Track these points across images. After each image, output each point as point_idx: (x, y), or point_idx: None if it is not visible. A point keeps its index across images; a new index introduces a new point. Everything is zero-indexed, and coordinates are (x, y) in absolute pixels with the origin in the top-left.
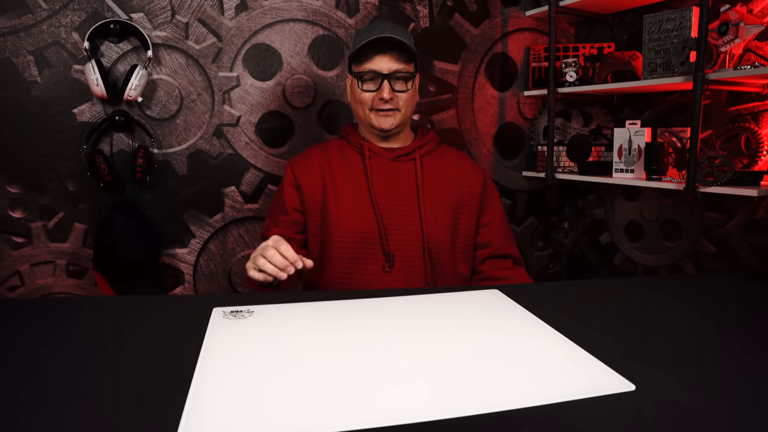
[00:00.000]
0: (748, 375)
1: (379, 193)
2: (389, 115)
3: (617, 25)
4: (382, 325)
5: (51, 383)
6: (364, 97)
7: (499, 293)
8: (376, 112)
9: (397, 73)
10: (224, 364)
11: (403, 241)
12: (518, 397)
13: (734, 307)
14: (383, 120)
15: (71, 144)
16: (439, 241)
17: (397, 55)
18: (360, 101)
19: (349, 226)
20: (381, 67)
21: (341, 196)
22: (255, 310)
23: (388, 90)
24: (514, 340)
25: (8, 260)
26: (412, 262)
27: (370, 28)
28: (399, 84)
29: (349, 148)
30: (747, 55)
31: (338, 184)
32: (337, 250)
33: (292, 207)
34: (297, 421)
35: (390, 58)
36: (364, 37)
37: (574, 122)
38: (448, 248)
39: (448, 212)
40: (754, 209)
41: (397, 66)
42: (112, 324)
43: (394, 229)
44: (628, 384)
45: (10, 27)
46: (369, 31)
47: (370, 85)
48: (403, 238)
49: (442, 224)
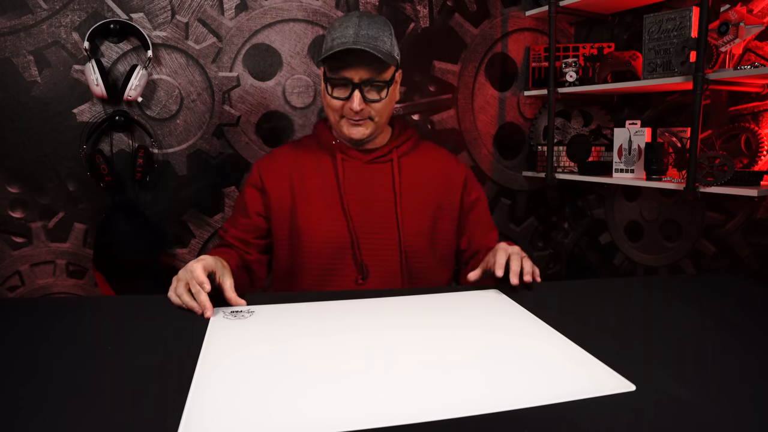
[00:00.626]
0: (748, 374)
1: (353, 200)
2: (361, 125)
3: (617, 25)
4: (382, 326)
5: (51, 383)
6: (334, 103)
7: (500, 293)
8: (347, 120)
9: (370, 82)
10: (224, 364)
11: (378, 250)
12: (520, 397)
13: (734, 306)
14: (354, 130)
15: (71, 144)
16: (417, 248)
17: (372, 64)
18: (330, 106)
19: (319, 235)
20: (352, 76)
21: (311, 203)
22: (255, 310)
23: (358, 101)
24: (514, 340)
25: (8, 260)
26: (388, 271)
27: (345, 27)
28: (372, 93)
29: (321, 149)
30: (747, 55)
31: (308, 189)
32: (308, 260)
33: (255, 212)
34: (297, 421)
35: (363, 67)
36: (338, 38)
37: (574, 122)
38: (427, 255)
39: (426, 218)
40: (754, 209)
41: (370, 75)
42: (112, 324)
43: (369, 237)
44: (629, 384)
45: (10, 27)
46: (344, 29)
47: (341, 91)
48: (378, 247)
49: (421, 231)
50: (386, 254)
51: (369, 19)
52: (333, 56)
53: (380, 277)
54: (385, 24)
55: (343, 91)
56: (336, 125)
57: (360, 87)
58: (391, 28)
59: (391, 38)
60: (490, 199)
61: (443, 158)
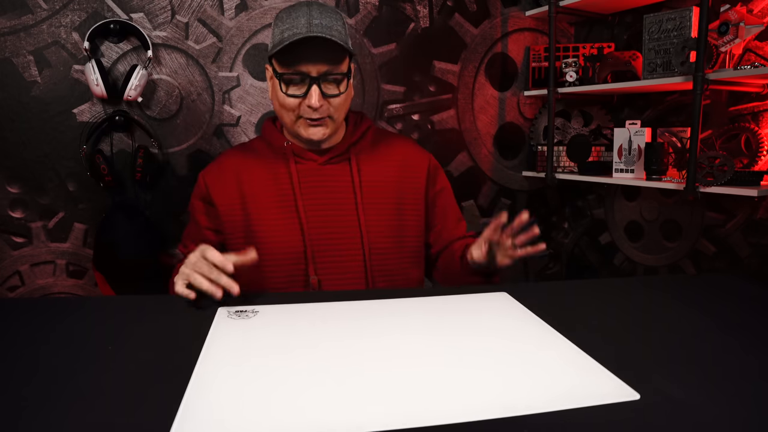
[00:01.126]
0: (749, 375)
1: (310, 205)
2: (320, 124)
3: (617, 25)
4: (387, 328)
5: (51, 383)
6: (289, 102)
7: (507, 296)
8: (305, 120)
9: (327, 75)
10: (225, 363)
11: (341, 255)
12: (523, 403)
13: (734, 306)
14: (313, 131)
15: (71, 144)
16: (382, 249)
17: (329, 54)
18: (284, 106)
19: (276, 247)
20: (309, 69)
21: (265, 213)
22: (259, 310)
23: (317, 96)
24: (520, 345)
25: (8, 260)
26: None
27: (295, 18)
28: (330, 87)
29: (272, 152)
30: (747, 55)
31: (261, 199)
32: (269, 273)
33: (204, 226)
34: (295, 422)
35: (319, 58)
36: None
37: (574, 122)
38: (393, 255)
39: (391, 216)
40: (754, 209)
41: (327, 67)
42: (112, 324)
43: (330, 243)
44: (633, 393)
45: (10, 27)
46: (293, 20)
47: (296, 89)
48: (341, 251)
49: (386, 230)
50: (349, 259)
51: (320, 8)
52: (285, 49)
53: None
54: (336, 12)
55: (298, 88)
56: (292, 127)
57: (318, 81)
58: (343, 18)
59: (344, 27)
60: (490, 199)
61: (404, 149)
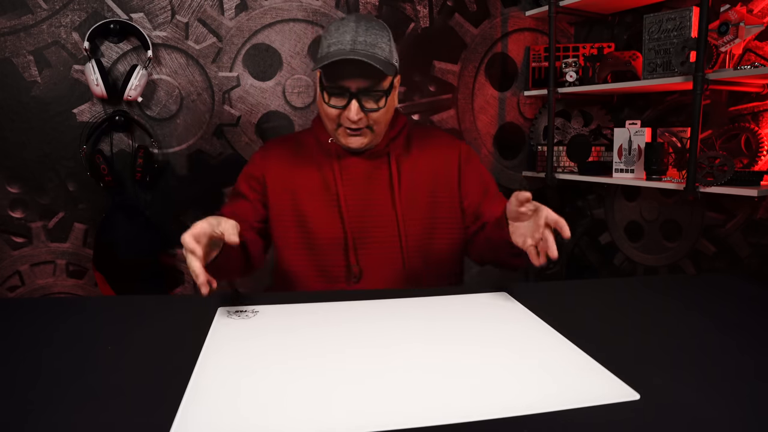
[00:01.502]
0: (748, 375)
1: (351, 198)
2: (359, 135)
3: (617, 25)
4: (387, 328)
5: (50, 383)
6: (331, 113)
7: (507, 296)
8: (344, 129)
9: (367, 91)
10: (224, 363)
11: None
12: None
13: (734, 306)
14: (351, 140)
15: (71, 144)
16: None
17: (370, 72)
18: (326, 115)
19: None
20: (349, 84)
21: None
22: (259, 310)
23: (355, 110)
24: (520, 345)
25: (8, 260)
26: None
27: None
28: (370, 102)
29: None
30: (747, 55)
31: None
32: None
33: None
34: (295, 423)
35: (360, 75)
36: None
37: (574, 122)
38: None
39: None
40: (754, 209)
41: (368, 84)
42: (112, 324)
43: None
44: (633, 393)
45: (10, 27)
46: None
47: (337, 101)
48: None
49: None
50: (385, 251)
51: (367, 24)
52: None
53: (379, 276)
54: (383, 29)
55: (340, 100)
56: (333, 134)
57: (357, 96)
58: (389, 33)
59: (389, 44)
60: None
61: (438, 140)
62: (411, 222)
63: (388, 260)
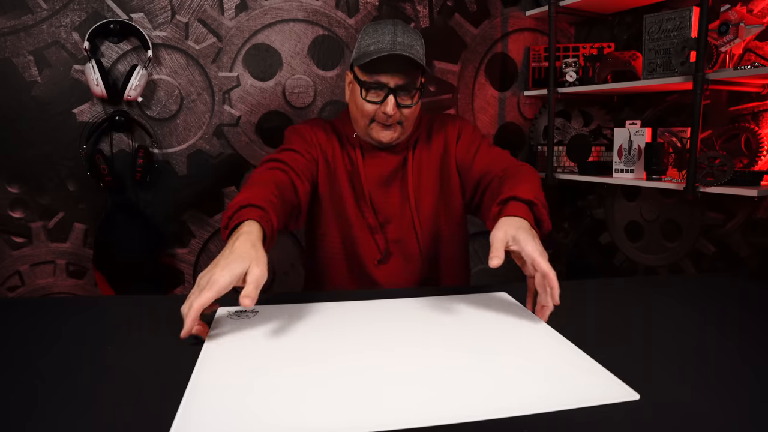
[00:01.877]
0: (747, 375)
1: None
2: (391, 129)
3: (617, 25)
4: (386, 328)
5: (50, 382)
6: (367, 108)
7: (507, 296)
8: (377, 124)
9: (403, 88)
10: (224, 363)
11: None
12: (523, 403)
13: (734, 306)
14: (383, 133)
15: (71, 144)
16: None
17: (407, 69)
18: (361, 111)
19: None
20: (387, 80)
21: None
22: (259, 310)
23: (392, 105)
24: (520, 345)
25: (8, 260)
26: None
27: (381, 33)
28: (404, 98)
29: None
30: (747, 55)
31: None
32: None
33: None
34: (294, 423)
35: (398, 72)
36: (374, 44)
37: (574, 122)
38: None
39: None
40: (754, 209)
41: (404, 81)
42: (112, 324)
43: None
44: (633, 393)
45: (10, 27)
46: (380, 36)
47: (374, 96)
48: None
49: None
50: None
51: (404, 28)
52: (370, 61)
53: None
54: (417, 33)
55: (377, 95)
56: (364, 128)
57: (394, 92)
58: (421, 38)
59: (422, 47)
60: None
61: (443, 126)
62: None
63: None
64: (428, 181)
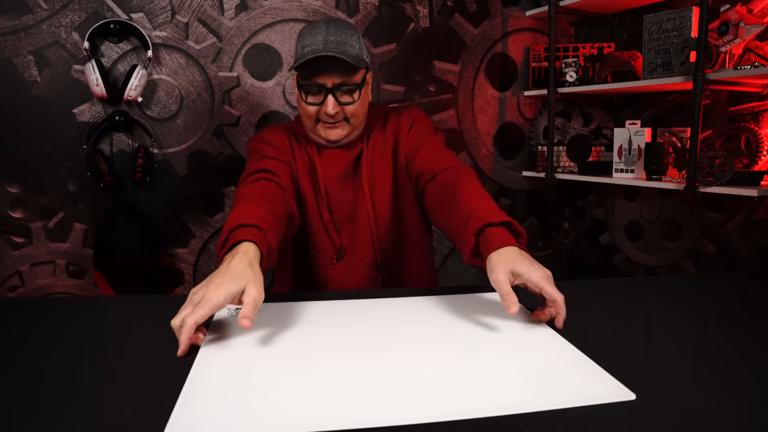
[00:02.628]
0: (746, 375)
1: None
2: (337, 127)
3: (617, 25)
4: (384, 327)
5: (50, 382)
6: (309, 110)
7: None
8: (323, 123)
9: (342, 86)
10: (222, 362)
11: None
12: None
13: (734, 306)
14: (330, 132)
15: (71, 144)
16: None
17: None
18: (305, 113)
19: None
20: (324, 81)
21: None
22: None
23: (332, 104)
24: (519, 345)
25: (8, 260)
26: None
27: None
28: (345, 96)
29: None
30: (747, 55)
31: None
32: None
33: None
34: (293, 422)
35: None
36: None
37: (574, 122)
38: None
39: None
40: (754, 209)
41: (341, 79)
42: (111, 324)
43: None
44: (629, 393)
45: (10, 27)
46: (312, 37)
47: (314, 98)
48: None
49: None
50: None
51: (336, 25)
52: (305, 64)
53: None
54: (352, 28)
55: (317, 97)
56: (312, 129)
57: (332, 91)
58: (358, 33)
59: (359, 42)
60: None
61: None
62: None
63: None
64: (383, 173)
